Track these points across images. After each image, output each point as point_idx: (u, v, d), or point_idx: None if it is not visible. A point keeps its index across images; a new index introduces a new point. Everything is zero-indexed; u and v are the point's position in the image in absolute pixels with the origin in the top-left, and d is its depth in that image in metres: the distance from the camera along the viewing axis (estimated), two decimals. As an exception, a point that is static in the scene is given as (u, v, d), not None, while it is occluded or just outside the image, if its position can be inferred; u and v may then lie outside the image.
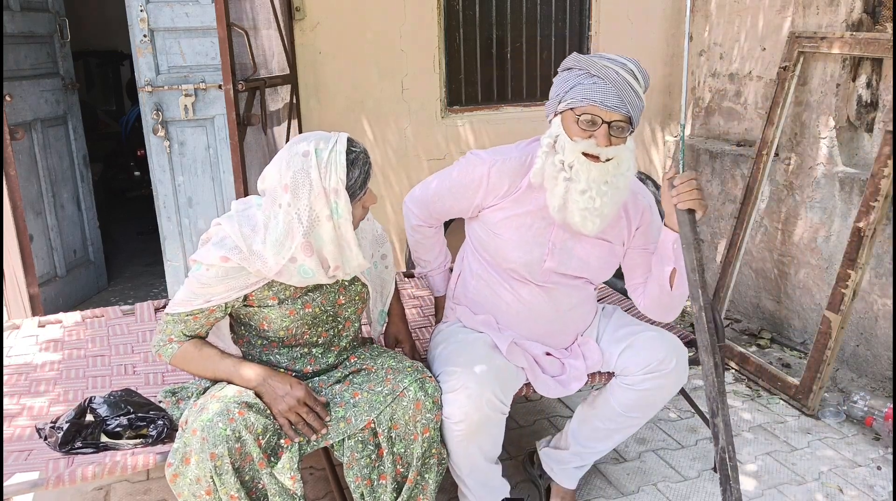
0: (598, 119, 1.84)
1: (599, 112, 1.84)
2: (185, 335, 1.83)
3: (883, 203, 2.75)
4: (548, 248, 2.03)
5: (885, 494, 2.41)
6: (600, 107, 1.83)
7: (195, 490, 1.66)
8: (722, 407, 1.75)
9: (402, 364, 1.91)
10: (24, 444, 1.90)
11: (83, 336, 2.54)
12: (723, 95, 3.91)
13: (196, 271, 1.75)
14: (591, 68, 1.86)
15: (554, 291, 2.09)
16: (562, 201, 1.90)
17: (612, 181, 1.88)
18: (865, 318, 3.06)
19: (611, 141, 1.86)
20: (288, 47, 3.50)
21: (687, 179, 1.85)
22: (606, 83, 1.83)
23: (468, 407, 1.85)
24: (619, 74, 1.83)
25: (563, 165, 1.88)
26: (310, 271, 1.71)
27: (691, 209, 1.86)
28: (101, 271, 4.28)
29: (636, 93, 1.86)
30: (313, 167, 1.64)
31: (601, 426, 2.19)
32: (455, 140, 4.02)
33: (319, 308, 1.84)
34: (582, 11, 4.18)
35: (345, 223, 1.68)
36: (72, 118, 3.98)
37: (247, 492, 1.68)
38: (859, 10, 3.06)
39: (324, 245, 1.69)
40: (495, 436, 1.99)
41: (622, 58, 1.89)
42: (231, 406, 1.66)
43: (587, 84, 1.85)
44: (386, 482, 1.85)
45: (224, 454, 1.63)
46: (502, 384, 1.94)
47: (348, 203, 1.68)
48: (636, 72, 1.86)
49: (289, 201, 1.66)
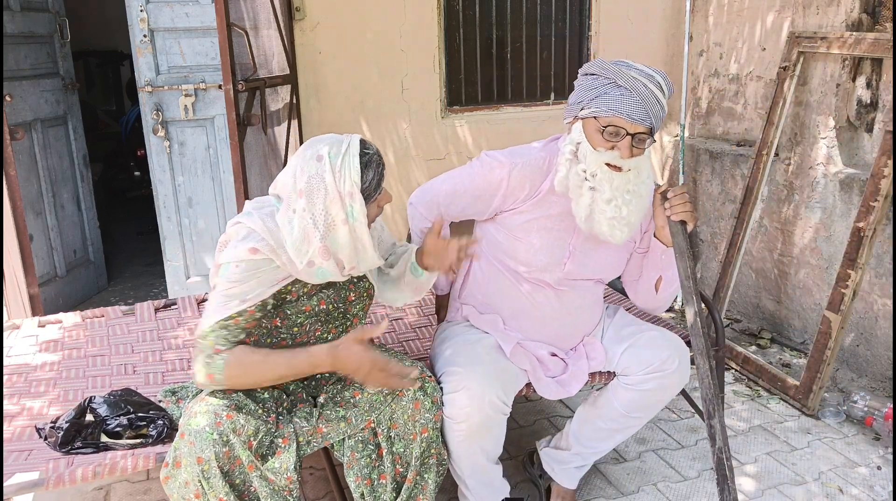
0: (622, 131, 1.84)
1: (624, 124, 1.84)
2: (231, 341, 1.69)
3: (883, 203, 2.75)
4: (568, 252, 2.04)
5: (885, 494, 2.41)
6: (626, 119, 1.83)
7: (184, 493, 1.65)
8: (718, 409, 1.77)
9: (403, 364, 1.91)
10: (24, 444, 1.90)
11: (83, 336, 2.54)
12: (723, 95, 3.91)
13: (224, 272, 1.69)
14: (619, 78, 1.85)
15: (566, 293, 2.09)
16: (588, 210, 1.91)
17: (635, 190, 1.90)
18: (865, 318, 3.06)
19: (633, 152, 1.86)
20: (288, 47, 3.50)
21: (679, 193, 1.91)
22: (633, 96, 1.83)
23: (470, 408, 1.85)
24: (648, 87, 1.83)
25: (587, 174, 1.88)
26: (328, 273, 1.71)
27: (683, 221, 1.93)
28: (101, 271, 4.28)
29: (661, 106, 1.87)
30: (327, 172, 1.63)
31: (603, 426, 2.19)
32: (455, 140, 4.02)
33: (332, 305, 1.84)
34: (582, 11, 4.18)
35: (360, 226, 1.68)
36: (72, 118, 3.98)
37: (238, 495, 1.67)
38: (859, 10, 3.06)
39: (340, 248, 1.69)
40: (497, 436, 1.99)
41: (649, 69, 1.89)
42: (219, 410, 1.65)
43: (614, 95, 1.84)
44: (386, 481, 1.85)
45: (211, 458, 1.61)
46: (504, 385, 1.94)
47: (363, 206, 1.67)
48: (663, 85, 1.87)
49: (304, 205, 1.65)
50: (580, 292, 2.10)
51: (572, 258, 2.04)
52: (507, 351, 2.03)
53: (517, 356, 2.05)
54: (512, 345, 2.04)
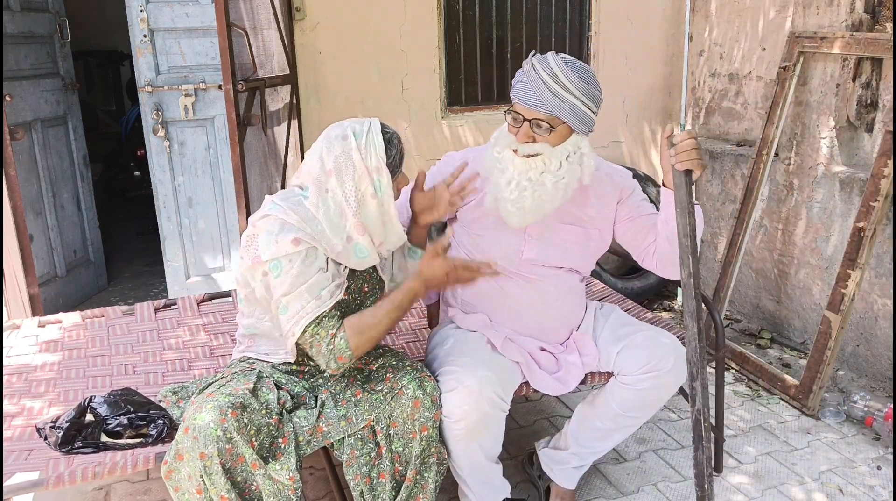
0: (519, 116, 1.93)
1: (522, 110, 1.93)
2: (337, 319, 1.75)
3: (883, 203, 2.75)
4: (524, 240, 2.08)
5: (885, 494, 2.41)
6: (522, 105, 1.93)
7: (187, 487, 1.66)
8: (701, 372, 1.85)
9: (402, 363, 1.91)
10: (24, 444, 1.90)
11: (83, 336, 2.54)
12: (723, 95, 3.91)
13: (279, 271, 1.70)
14: (525, 67, 1.94)
15: (539, 282, 2.11)
16: (495, 191, 1.98)
17: (537, 179, 1.93)
18: (865, 318, 3.06)
19: (534, 138, 1.92)
20: (288, 47, 3.49)
21: (686, 138, 1.84)
22: (527, 83, 1.92)
23: (467, 406, 1.85)
24: (539, 73, 1.89)
25: (497, 157, 1.98)
26: (364, 249, 1.78)
27: (689, 170, 1.85)
28: (101, 271, 4.28)
29: (556, 95, 1.88)
30: (353, 149, 1.74)
31: (601, 426, 2.19)
32: (455, 140, 4.02)
33: (351, 296, 1.86)
34: (582, 11, 4.18)
35: (388, 199, 1.77)
36: (72, 118, 3.98)
37: (239, 493, 1.68)
38: (859, 10, 3.06)
39: (370, 223, 1.77)
40: (496, 434, 1.99)
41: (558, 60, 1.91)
42: (224, 407, 1.65)
43: (517, 83, 1.96)
44: (385, 480, 1.85)
45: (213, 454, 1.62)
46: (501, 381, 1.95)
47: (390, 179, 1.77)
48: (560, 75, 1.89)
49: (335, 184, 1.73)
50: (553, 281, 2.13)
51: (528, 245, 2.09)
52: (497, 344, 2.05)
53: (508, 349, 2.06)
54: (502, 338, 2.06)
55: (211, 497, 1.66)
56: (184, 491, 1.67)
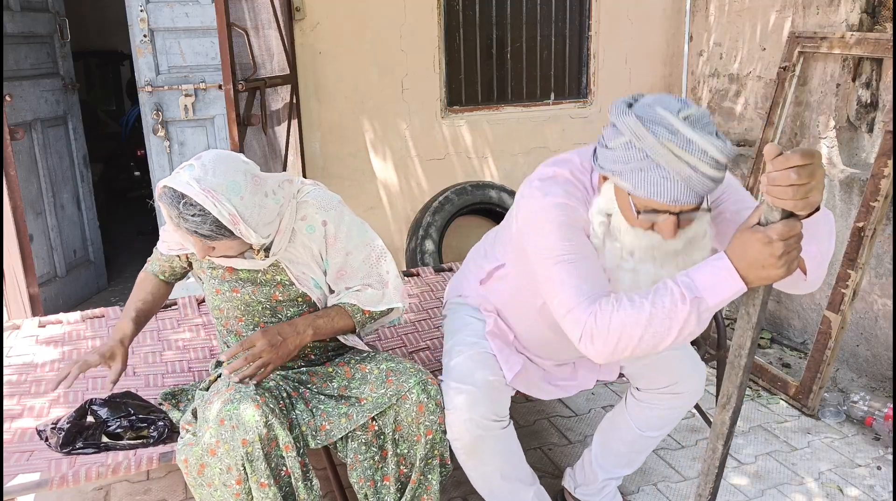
0: (663, 214, 1.50)
1: (667, 208, 1.48)
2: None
3: (883, 203, 2.75)
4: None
5: (885, 494, 2.41)
6: (668, 204, 1.47)
7: (225, 479, 1.67)
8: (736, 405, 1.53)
9: (403, 365, 1.90)
10: (25, 445, 1.90)
11: (83, 337, 2.54)
12: (723, 95, 3.91)
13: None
14: (659, 158, 1.42)
15: None
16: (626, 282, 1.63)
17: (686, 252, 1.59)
18: (865, 318, 3.06)
19: (680, 227, 1.52)
20: (288, 47, 3.49)
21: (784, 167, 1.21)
22: (677, 180, 1.43)
23: (459, 429, 1.80)
24: (697, 170, 1.42)
25: (623, 252, 1.58)
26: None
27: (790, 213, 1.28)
28: (101, 271, 4.28)
29: (716, 180, 1.45)
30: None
31: (623, 450, 2.14)
32: (455, 140, 4.02)
33: (251, 297, 1.88)
34: (582, 11, 4.18)
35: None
36: (72, 118, 3.98)
37: (275, 480, 1.71)
38: (859, 10, 3.06)
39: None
40: (500, 452, 1.87)
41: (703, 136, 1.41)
42: (253, 395, 1.70)
43: (653, 176, 1.44)
44: (389, 483, 1.85)
45: (255, 439, 1.65)
46: (495, 400, 1.83)
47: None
48: (720, 158, 1.43)
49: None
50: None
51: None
52: (508, 378, 1.88)
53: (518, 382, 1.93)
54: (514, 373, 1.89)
55: (250, 487, 1.68)
56: (217, 487, 1.68)
